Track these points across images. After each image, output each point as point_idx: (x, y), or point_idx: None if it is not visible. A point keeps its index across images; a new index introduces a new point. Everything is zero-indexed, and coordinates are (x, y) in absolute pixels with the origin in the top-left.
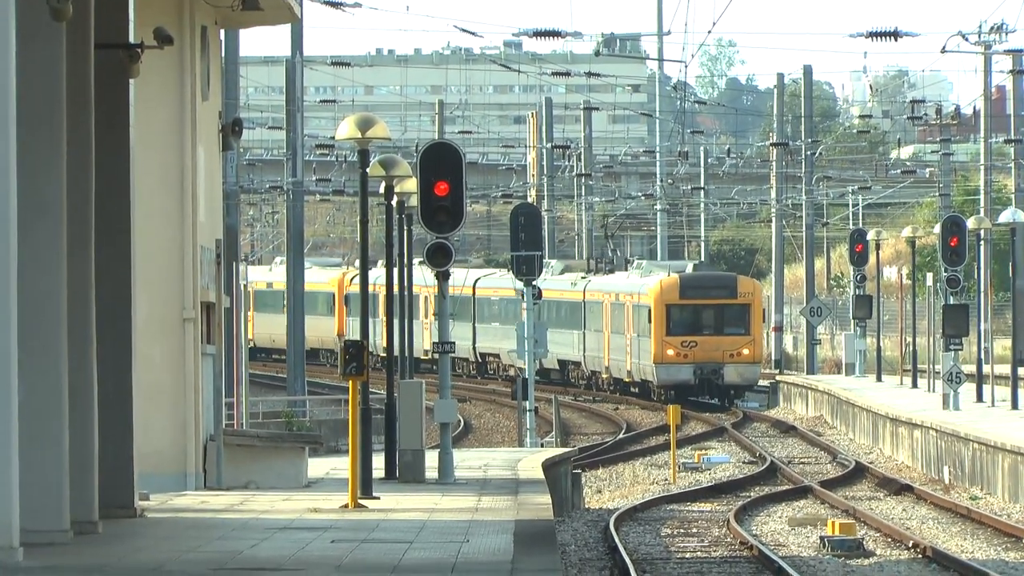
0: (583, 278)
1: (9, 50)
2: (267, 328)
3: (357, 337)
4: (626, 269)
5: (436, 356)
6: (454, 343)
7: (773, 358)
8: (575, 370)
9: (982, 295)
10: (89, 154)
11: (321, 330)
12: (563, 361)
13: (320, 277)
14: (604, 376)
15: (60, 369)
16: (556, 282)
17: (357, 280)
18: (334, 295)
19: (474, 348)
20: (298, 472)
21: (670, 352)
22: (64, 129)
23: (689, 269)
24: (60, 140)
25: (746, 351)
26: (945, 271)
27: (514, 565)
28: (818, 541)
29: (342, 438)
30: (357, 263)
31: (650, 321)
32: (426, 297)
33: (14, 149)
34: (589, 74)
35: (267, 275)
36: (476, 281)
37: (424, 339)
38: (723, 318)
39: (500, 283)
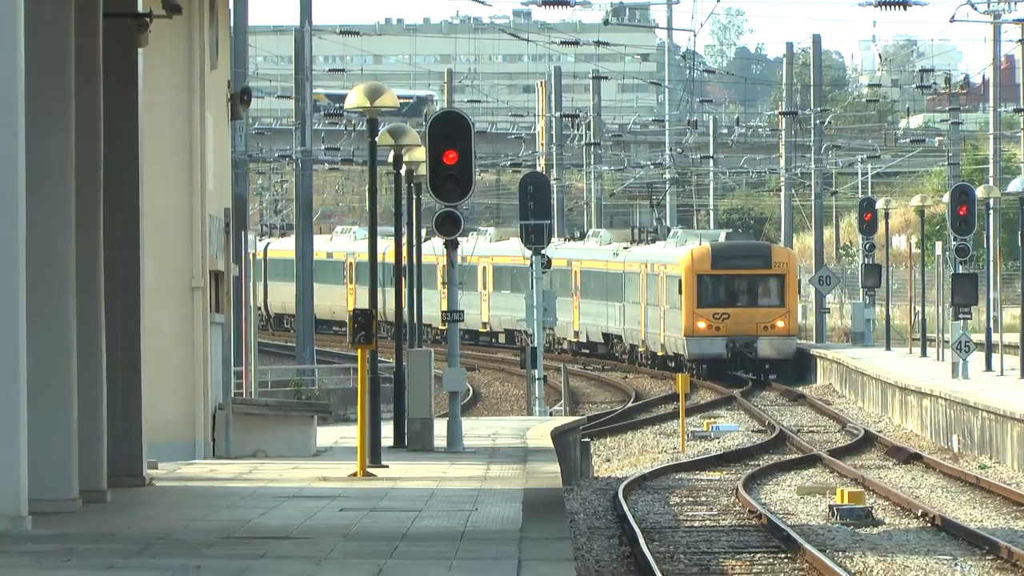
0: (625, 248)
1: (17, 18)
2: (326, 300)
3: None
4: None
5: (494, 329)
6: (463, 312)
7: None
8: (619, 344)
9: (991, 264)
10: (97, 123)
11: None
12: (607, 335)
13: (383, 247)
14: (641, 350)
15: (68, 338)
16: (601, 252)
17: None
18: (391, 267)
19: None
20: (307, 441)
21: (701, 325)
22: (72, 98)
23: (722, 238)
24: (68, 109)
25: (781, 323)
26: (954, 240)
27: (523, 534)
28: (827, 510)
29: (351, 407)
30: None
31: (680, 292)
32: (484, 268)
33: (22, 118)
34: (598, 43)
35: (326, 244)
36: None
37: (482, 311)
38: (757, 289)
39: (555, 253)
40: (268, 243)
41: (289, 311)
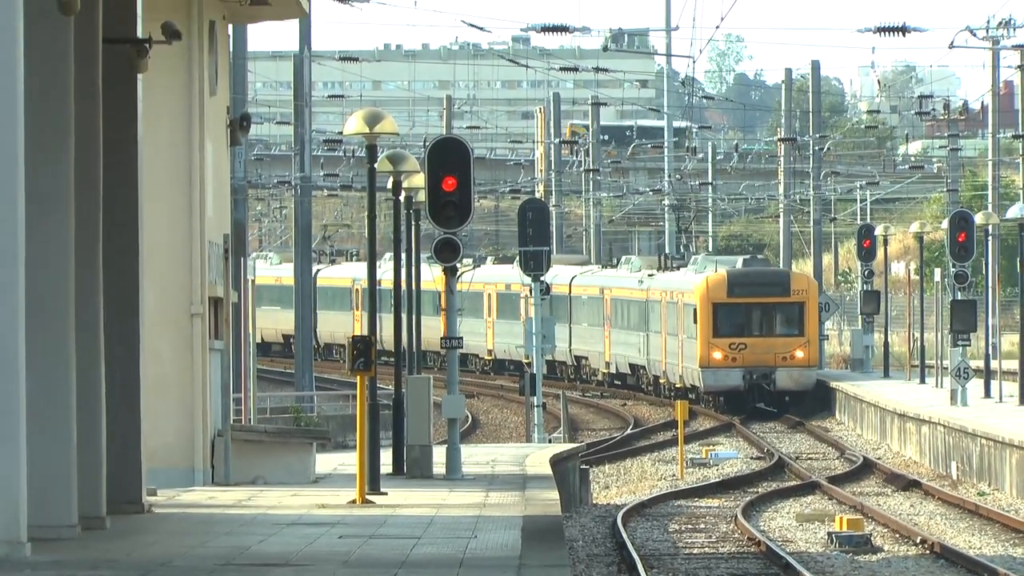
0: (650, 275)
1: (17, 44)
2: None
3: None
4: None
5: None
6: (462, 338)
7: None
8: (644, 375)
9: (990, 291)
10: (97, 149)
11: (429, 329)
12: (633, 365)
13: (425, 275)
14: (662, 381)
15: (68, 364)
16: (628, 280)
17: (465, 278)
18: (439, 294)
19: (570, 350)
20: (306, 467)
21: (717, 355)
22: (72, 124)
23: (739, 264)
24: (67, 135)
25: (800, 353)
26: (953, 266)
27: (522, 561)
28: (826, 537)
29: (350, 433)
30: (467, 260)
31: (695, 321)
32: (524, 297)
33: (22, 144)
34: (597, 69)
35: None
36: (573, 279)
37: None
38: (774, 318)
39: (590, 280)
40: (318, 270)
41: (339, 341)
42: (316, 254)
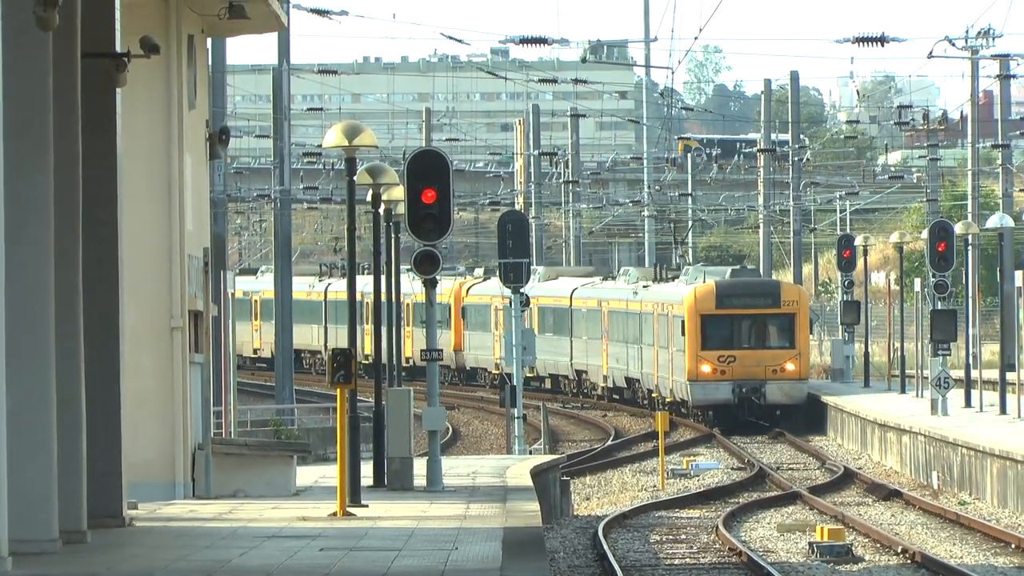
0: (644, 287)
1: None
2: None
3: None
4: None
5: (539, 374)
6: (442, 350)
7: None
8: (639, 389)
9: (970, 300)
10: (76, 163)
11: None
12: (629, 379)
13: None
14: (655, 395)
15: (48, 378)
16: (624, 292)
17: (476, 290)
18: (450, 307)
19: (571, 364)
20: (287, 480)
21: (705, 368)
22: (51, 138)
23: (728, 275)
24: (46, 149)
25: (791, 366)
26: (933, 276)
27: (503, 572)
28: (807, 547)
29: (330, 446)
30: (478, 271)
31: (683, 334)
32: (531, 309)
33: (0, 157)
34: (576, 81)
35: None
36: (574, 291)
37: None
38: (765, 330)
39: (589, 293)
40: (328, 283)
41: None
42: (327, 267)
